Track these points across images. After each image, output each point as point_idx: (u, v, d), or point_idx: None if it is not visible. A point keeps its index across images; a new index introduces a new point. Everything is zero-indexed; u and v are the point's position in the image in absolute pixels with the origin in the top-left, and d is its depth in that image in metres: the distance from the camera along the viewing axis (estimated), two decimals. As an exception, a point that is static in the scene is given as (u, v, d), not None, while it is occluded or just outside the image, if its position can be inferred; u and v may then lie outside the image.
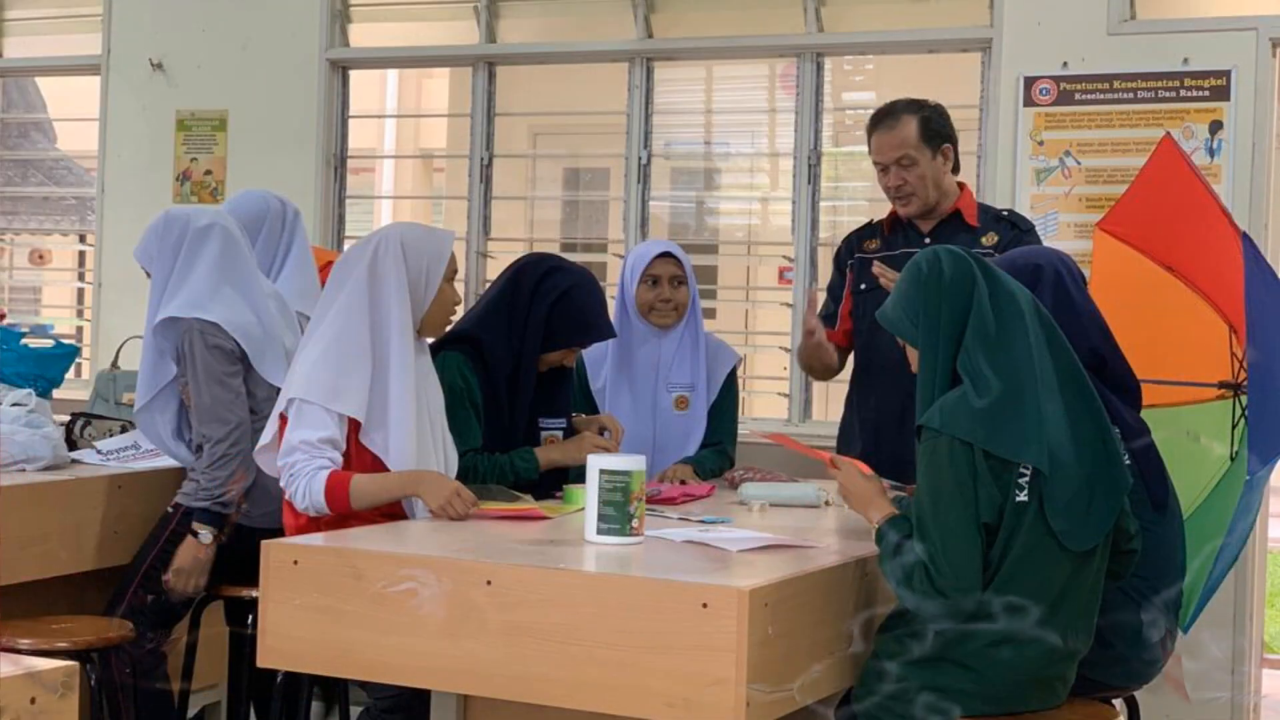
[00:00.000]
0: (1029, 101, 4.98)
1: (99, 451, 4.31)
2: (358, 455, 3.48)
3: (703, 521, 3.35)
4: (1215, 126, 4.77)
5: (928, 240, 4.18)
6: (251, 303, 4.03)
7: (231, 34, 6.07)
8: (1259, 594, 4.91)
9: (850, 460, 3.22)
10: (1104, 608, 3.07)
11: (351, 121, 6.08)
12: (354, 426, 3.47)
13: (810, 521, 3.54)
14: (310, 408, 3.43)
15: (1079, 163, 4.93)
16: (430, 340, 3.79)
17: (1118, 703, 3.35)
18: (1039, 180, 4.96)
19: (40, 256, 8.41)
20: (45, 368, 4.55)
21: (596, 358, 4.39)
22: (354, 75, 6.08)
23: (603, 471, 3.03)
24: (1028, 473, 2.86)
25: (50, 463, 4.07)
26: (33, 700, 1.81)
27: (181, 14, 6.16)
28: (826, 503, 3.73)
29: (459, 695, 3.17)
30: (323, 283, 3.88)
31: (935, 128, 4.19)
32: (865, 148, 4.30)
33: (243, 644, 4.09)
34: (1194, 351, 3.94)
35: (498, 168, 5.91)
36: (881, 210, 4.44)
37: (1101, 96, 4.89)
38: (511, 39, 5.91)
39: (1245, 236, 3.71)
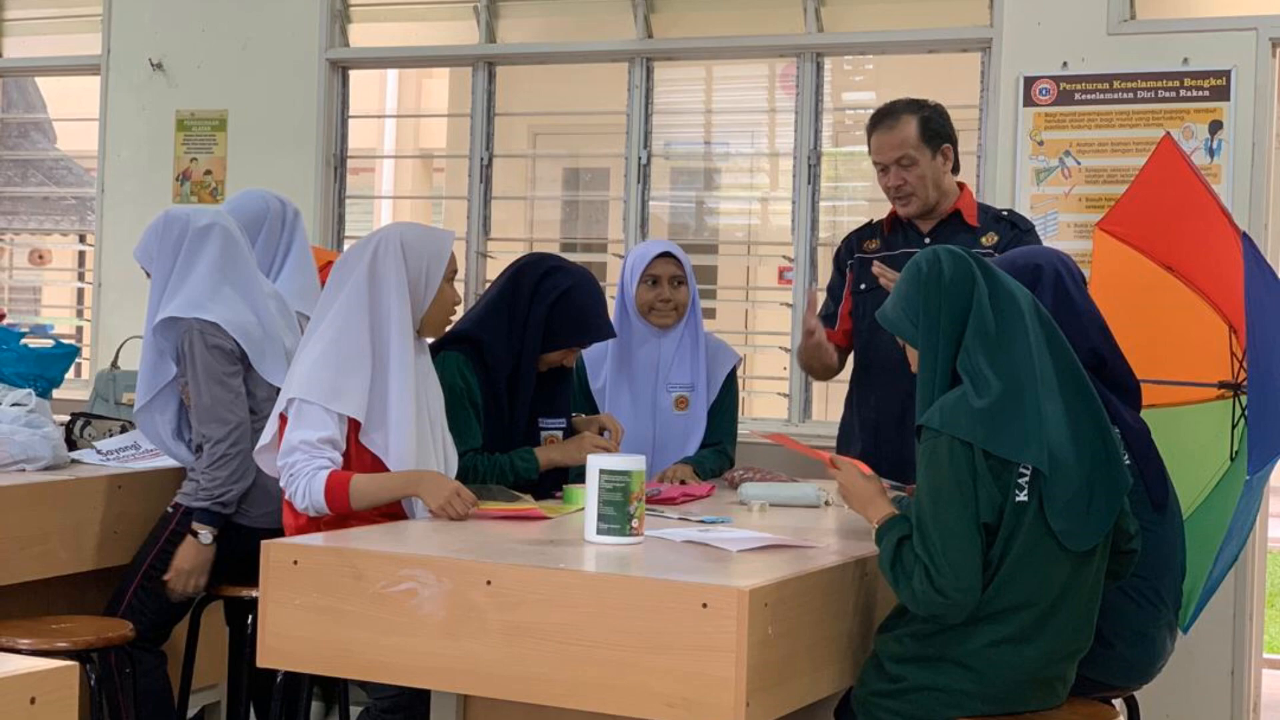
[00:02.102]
0: (1029, 101, 4.97)
1: (99, 451, 4.32)
2: (358, 455, 3.48)
3: (703, 521, 3.35)
4: (1215, 126, 4.77)
5: (928, 240, 4.18)
6: (251, 303, 4.03)
7: (231, 34, 6.07)
8: (1259, 594, 4.92)
9: (850, 460, 3.22)
10: (1104, 608, 3.07)
11: (351, 121, 6.08)
12: (354, 426, 3.47)
13: (810, 521, 3.54)
14: (310, 408, 3.43)
15: (1079, 163, 4.93)
16: (430, 340, 3.80)
17: (1118, 703, 3.36)
18: (1039, 180, 4.96)
19: (40, 256, 8.41)
20: (45, 368, 4.54)
21: (596, 358, 4.39)
22: (354, 75, 6.08)
23: (603, 471, 3.03)
24: (1027, 473, 2.86)
25: (50, 463, 4.07)
26: (33, 700, 1.81)
27: (181, 14, 6.16)
28: (826, 503, 3.74)
29: (459, 695, 3.17)
30: (323, 283, 3.88)
31: (935, 128, 4.19)
32: (865, 148, 4.30)
33: (243, 644, 4.10)
34: (1194, 351, 3.94)
35: (498, 168, 5.91)
36: (881, 210, 4.44)
37: (1101, 96, 4.89)
38: (511, 39, 5.91)
39: (1245, 236, 3.71)
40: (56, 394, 4.59)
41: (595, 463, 3.05)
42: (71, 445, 4.39)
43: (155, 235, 4.06)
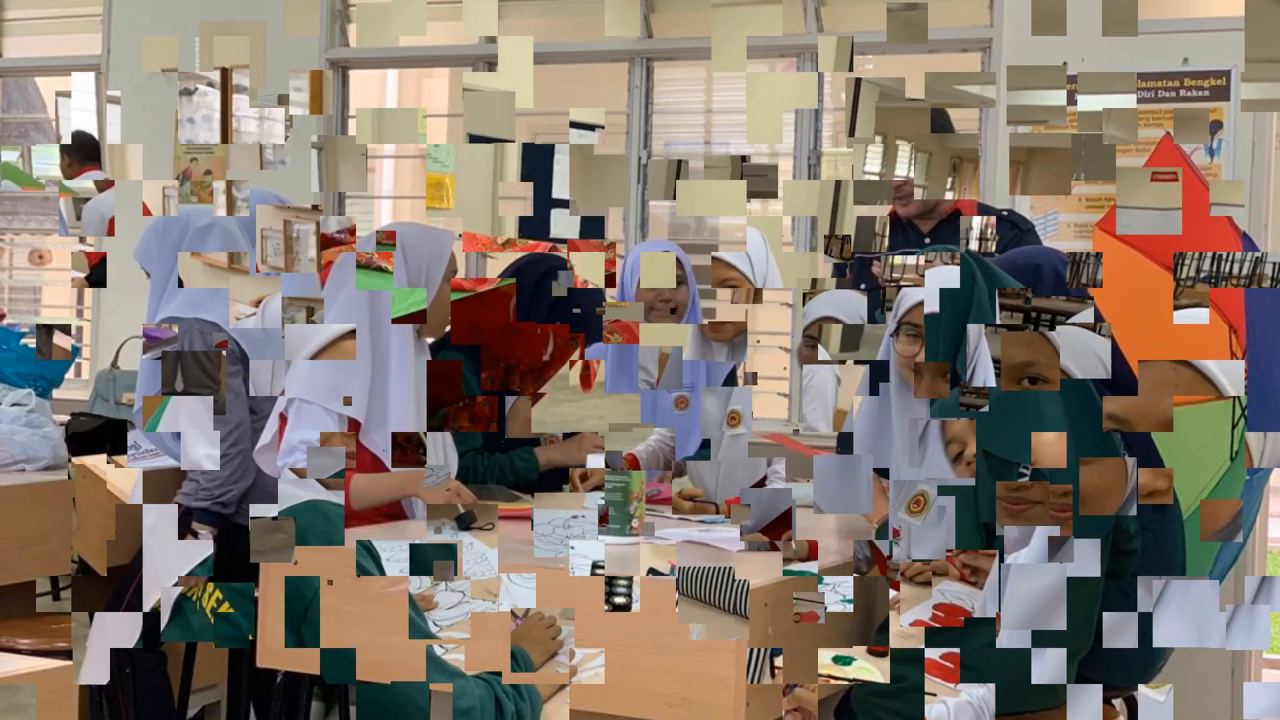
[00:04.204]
0: (1029, 101, 4.96)
1: (99, 451, 4.31)
2: (358, 455, 3.48)
3: (703, 521, 3.35)
4: (1215, 126, 4.77)
5: (928, 240, 4.18)
6: (251, 303, 4.02)
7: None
8: (1259, 594, 4.90)
9: (850, 460, 3.21)
10: (1104, 608, 3.06)
11: (351, 122, 6.08)
12: (354, 426, 3.47)
13: (810, 521, 3.53)
14: (310, 408, 3.42)
15: (1079, 163, 4.92)
16: (430, 340, 3.79)
17: (1118, 703, 3.35)
18: (1039, 180, 4.94)
19: (40, 256, 8.41)
20: (45, 368, 4.54)
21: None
22: (354, 75, 6.08)
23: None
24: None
25: (50, 463, 4.07)
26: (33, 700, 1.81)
27: (181, 14, 6.15)
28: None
29: (459, 695, 3.17)
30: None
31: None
32: (865, 148, 4.29)
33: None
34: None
35: (498, 168, 5.90)
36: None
37: (1101, 96, 4.88)
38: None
39: (1245, 236, 3.70)
40: (56, 394, 4.58)
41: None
42: (71, 445, 4.39)
43: (155, 235, 4.05)
